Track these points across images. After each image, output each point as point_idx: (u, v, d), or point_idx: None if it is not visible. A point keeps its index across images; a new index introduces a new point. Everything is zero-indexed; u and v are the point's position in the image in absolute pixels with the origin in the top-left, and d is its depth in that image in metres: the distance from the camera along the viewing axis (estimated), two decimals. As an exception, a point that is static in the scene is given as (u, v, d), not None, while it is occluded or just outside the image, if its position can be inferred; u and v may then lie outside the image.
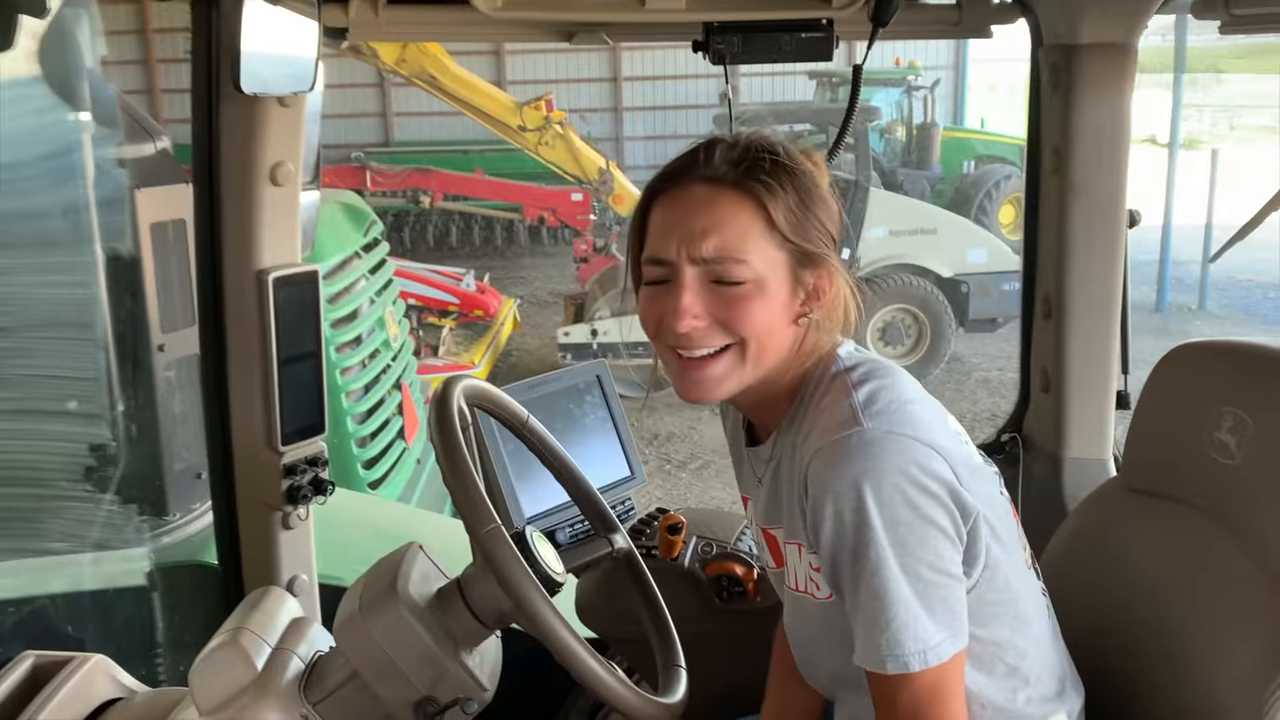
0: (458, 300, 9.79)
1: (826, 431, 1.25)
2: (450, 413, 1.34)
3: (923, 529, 1.22)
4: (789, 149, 1.34)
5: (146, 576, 2.61)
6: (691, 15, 1.86)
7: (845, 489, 1.21)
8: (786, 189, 1.30)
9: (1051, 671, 1.44)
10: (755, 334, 1.30)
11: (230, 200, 1.94)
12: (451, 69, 10.14)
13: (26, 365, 2.54)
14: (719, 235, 1.28)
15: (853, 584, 1.24)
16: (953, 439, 1.31)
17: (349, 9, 1.96)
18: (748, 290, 1.29)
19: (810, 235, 1.31)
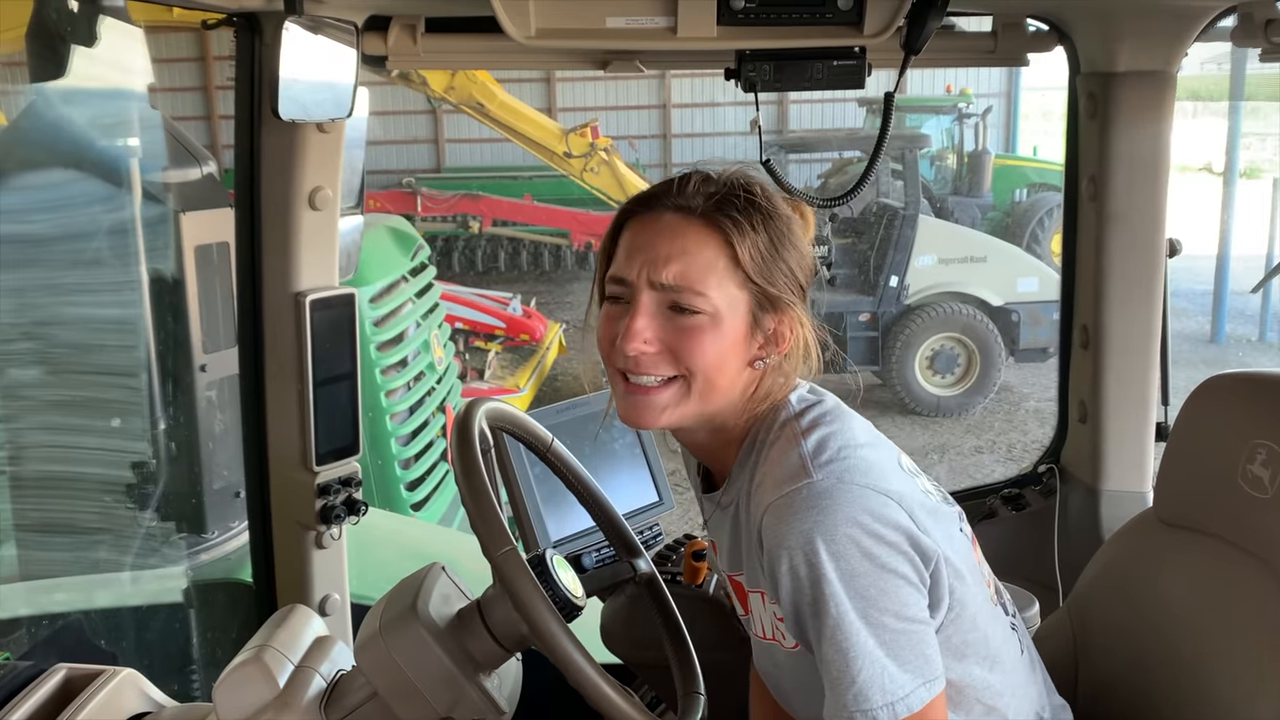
0: (504, 324, 9.88)
1: (777, 484, 1.23)
2: (471, 434, 1.35)
3: (883, 579, 1.19)
4: (768, 192, 1.33)
5: (183, 593, 2.65)
6: (724, 43, 1.86)
7: (798, 544, 1.18)
8: (757, 230, 1.29)
9: (1030, 705, 1.40)
10: (703, 368, 1.29)
11: (270, 224, 1.99)
12: (499, 96, 10.28)
13: (72, 383, 2.60)
14: (681, 264, 1.28)
15: (816, 639, 1.21)
16: (907, 482, 1.29)
17: (388, 38, 2.00)
18: (702, 322, 1.28)
19: (776, 279, 1.30)
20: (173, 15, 2.32)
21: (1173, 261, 2.16)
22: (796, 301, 1.32)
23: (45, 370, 2.60)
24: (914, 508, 1.25)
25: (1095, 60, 2.04)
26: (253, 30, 1.88)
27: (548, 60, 2.16)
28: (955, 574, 1.28)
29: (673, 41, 1.84)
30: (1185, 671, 1.47)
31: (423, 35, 2.01)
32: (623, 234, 1.35)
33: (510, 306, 10.05)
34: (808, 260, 1.35)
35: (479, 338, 9.79)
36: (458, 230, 14.81)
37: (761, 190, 1.33)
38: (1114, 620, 1.62)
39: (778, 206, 1.32)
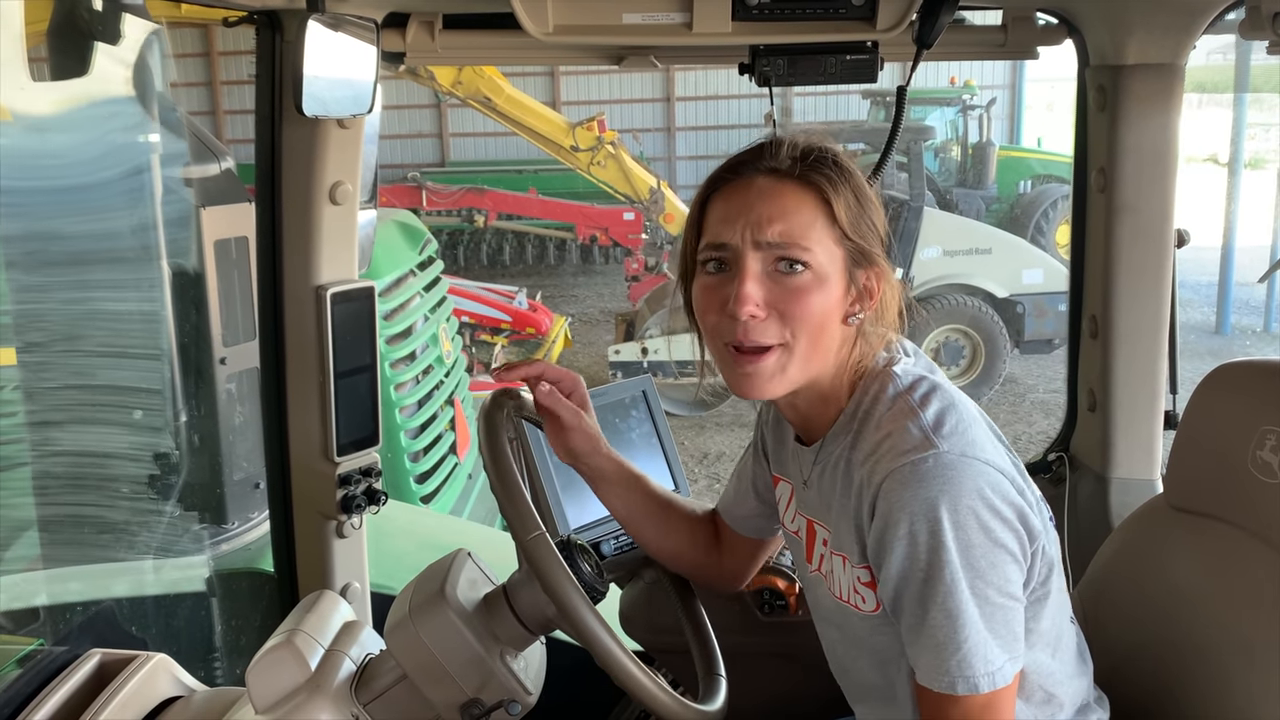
0: (510, 318, 9.91)
1: (900, 453, 1.26)
2: (498, 424, 1.38)
3: (994, 553, 1.24)
4: (840, 155, 1.37)
5: (206, 582, 2.69)
6: (738, 38, 1.89)
7: (921, 511, 1.22)
8: (846, 187, 1.33)
9: (1079, 692, 1.44)
10: (809, 329, 1.31)
11: (291, 218, 2.02)
12: (506, 90, 10.29)
13: (95, 377, 2.63)
14: (785, 222, 1.30)
15: (920, 605, 1.25)
16: (1012, 463, 1.33)
17: (406, 34, 2.03)
18: (809, 280, 1.30)
19: (866, 234, 1.34)
20: (186, 12, 2.33)
21: (1178, 253, 2.19)
22: (883, 256, 1.36)
23: (69, 365, 2.63)
24: (1023, 487, 1.30)
25: (1104, 53, 2.07)
26: (273, 28, 1.91)
27: (564, 56, 2.19)
28: (1047, 561, 1.33)
29: (688, 37, 1.87)
30: (1196, 655, 1.50)
31: (441, 31, 2.03)
32: (712, 202, 1.37)
33: (516, 300, 10.08)
34: (882, 216, 1.39)
35: (485, 331, 9.82)
36: (463, 224, 14.83)
37: (835, 154, 1.36)
38: (1124, 606, 1.65)
39: (853, 165, 1.37)
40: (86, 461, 2.61)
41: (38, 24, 2.07)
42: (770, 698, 1.94)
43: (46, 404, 2.62)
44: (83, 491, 2.59)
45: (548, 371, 1.52)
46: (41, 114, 2.21)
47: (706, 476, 8.12)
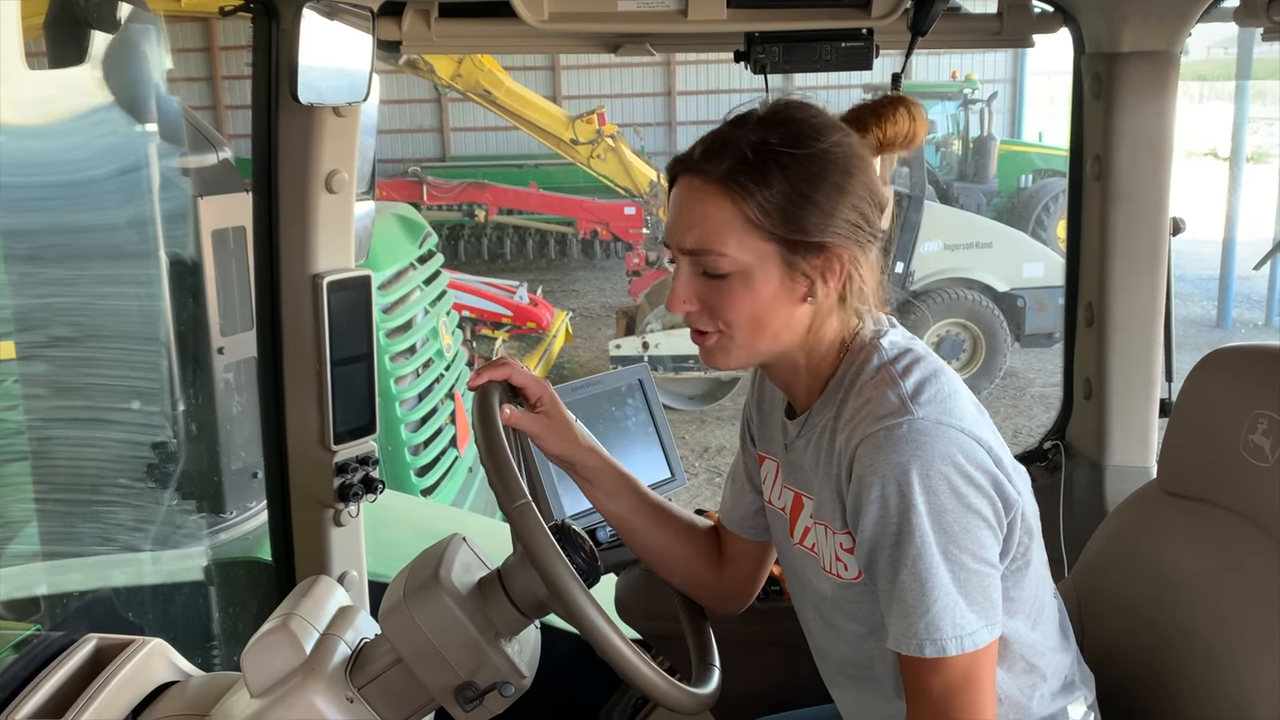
0: (511, 312, 9.91)
1: (876, 419, 1.27)
2: (491, 401, 1.39)
3: (966, 518, 1.25)
4: (797, 133, 1.31)
5: (204, 571, 2.70)
6: (733, 26, 1.90)
7: (893, 475, 1.24)
8: (773, 180, 1.29)
9: (1062, 666, 1.45)
10: (741, 322, 1.34)
11: (288, 207, 2.02)
12: (505, 83, 10.30)
13: (94, 367, 2.64)
14: (699, 228, 1.32)
15: (891, 568, 1.26)
16: (993, 434, 1.33)
17: (402, 22, 2.03)
18: (731, 282, 1.32)
19: (805, 223, 1.30)
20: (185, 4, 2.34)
21: (1178, 246, 2.19)
22: (840, 239, 1.32)
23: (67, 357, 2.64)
24: (1001, 457, 1.30)
25: (1099, 40, 2.07)
26: (270, 16, 1.91)
27: (560, 44, 2.19)
28: (1026, 529, 1.34)
29: (683, 24, 1.88)
30: (1189, 638, 1.50)
31: (436, 20, 2.04)
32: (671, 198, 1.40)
33: (517, 295, 10.09)
34: (862, 192, 1.33)
35: (486, 326, 9.83)
36: (464, 219, 14.83)
37: (787, 133, 1.31)
38: (1118, 590, 1.66)
39: (807, 146, 1.31)
40: (85, 452, 2.62)
41: (35, 16, 2.07)
42: (766, 683, 1.94)
43: (45, 396, 2.63)
44: (81, 482, 2.60)
45: (514, 375, 1.51)
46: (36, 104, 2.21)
47: (707, 470, 8.13)
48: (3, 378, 2.79)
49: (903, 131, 1.44)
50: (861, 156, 1.36)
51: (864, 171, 1.35)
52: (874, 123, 1.43)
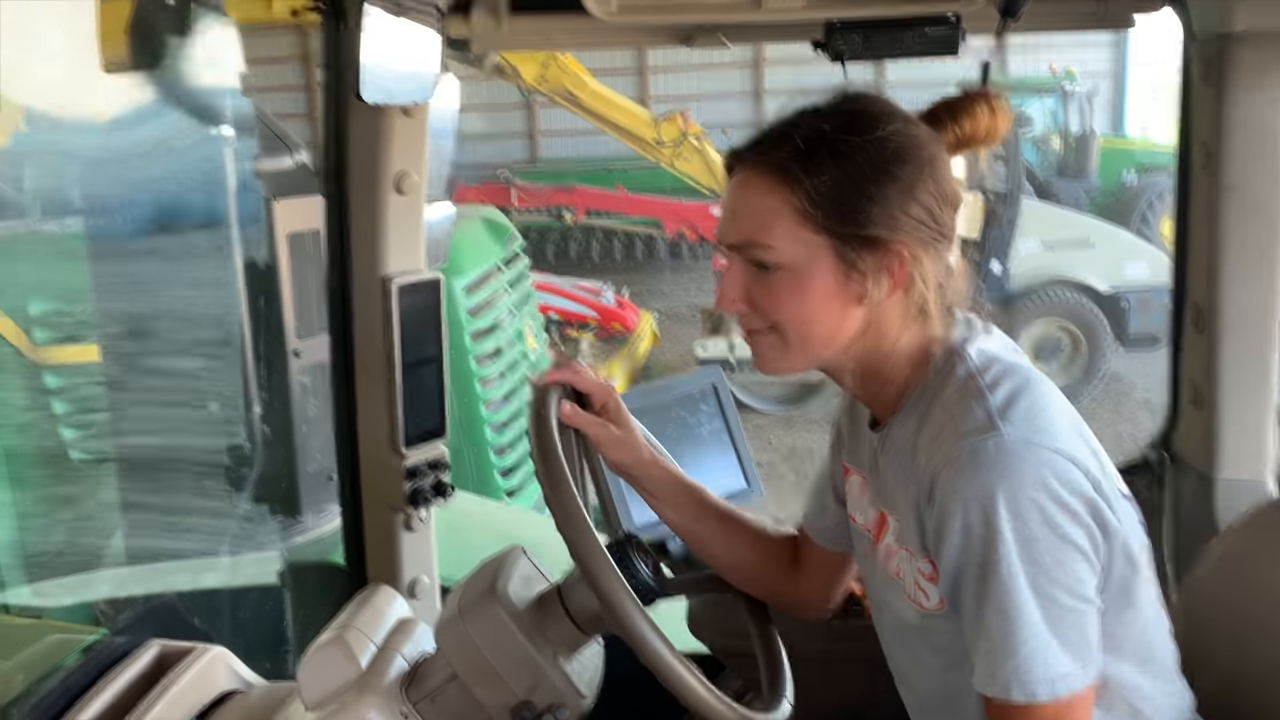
0: (597, 314, 9.93)
1: (959, 436, 1.18)
2: (548, 413, 1.33)
3: (1060, 549, 1.14)
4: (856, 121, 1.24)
5: (278, 575, 2.71)
6: (811, 14, 1.81)
7: (976, 499, 1.14)
8: (825, 169, 1.22)
9: (1172, 712, 1.32)
10: (788, 320, 1.26)
11: (357, 209, 2.00)
12: (590, 85, 10.31)
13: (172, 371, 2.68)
14: (745, 220, 1.26)
15: (977, 602, 1.16)
16: (1093, 455, 1.22)
17: (471, 20, 1.99)
18: (779, 278, 1.25)
19: (862, 216, 1.22)
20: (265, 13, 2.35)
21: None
22: (899, 234, 1.23)
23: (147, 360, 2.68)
24: (1100, 480, 1.19)
25: (1209, 20, 1.92)
26: (338, 16, 1.89)
27: (631, 37, 2.14)
28: (1130, 562, 1.22)
29: (758, 13, 1.80)
30: None
31: (506, 16, 2.00)
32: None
33: (603, 296, 10.09)
34: (928, 185, 1.25)
35: (572, 327, 9.85)
36: (552, 222, 14.92)
37: (842, 120, 1.25)
38: (1229, 617, 1.52)
39: (866, 132, 1.23)
40: (162, 454, 2.66)
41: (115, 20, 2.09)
42: (843, 705, 1.85)
43: (126, 398, 2.68)
44: (157, 485, 2.64)
45: (578, 379, 1.45)
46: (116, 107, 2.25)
47: (794, 473, 7.99)
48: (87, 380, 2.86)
49: (982, 128, 1.33)
50: (927, 148, 1.27)
51: (931, 164, 1.26)
52: (950, 118, 1.33)
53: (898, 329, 1.28)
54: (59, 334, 3.83)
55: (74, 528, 3.22)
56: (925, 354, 1.30)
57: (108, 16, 2.12)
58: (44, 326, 4.12)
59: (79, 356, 3.52)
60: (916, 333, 1.29)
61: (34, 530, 3.59)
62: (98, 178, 2.48)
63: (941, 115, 1.33)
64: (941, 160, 1.28)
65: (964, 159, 1.37)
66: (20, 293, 3.95)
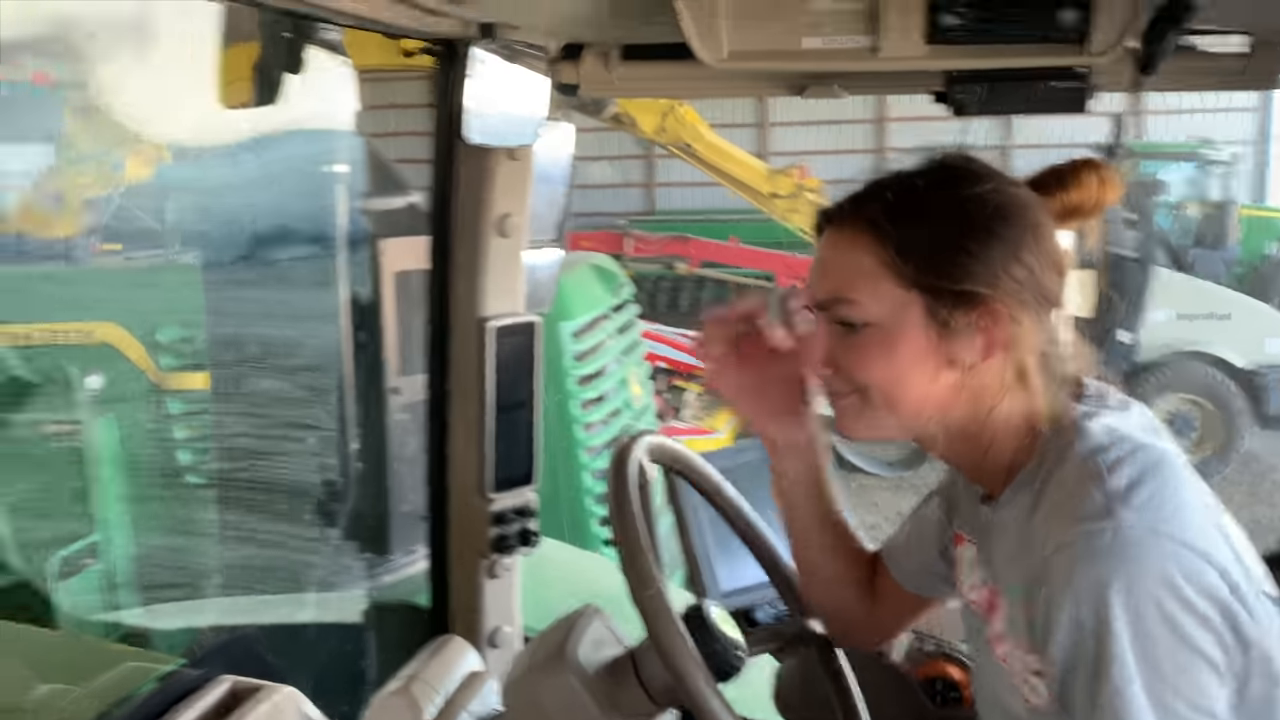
0: (705, 365, 9.84)
1: (1074, 520, 1.08)
2: (626, 468, 1.27)
3: (1183, 654, 1.02)
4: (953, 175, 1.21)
5: (361, 614, 2.70)
6: (931, 63, 1.73)
7: (1089, 592, 1.03)
8: (916, 222, 1.17)
9: None
10: (875, 382, 1.19)
11: (459, 249, 2.01)
12: (706, 137, 10.35)
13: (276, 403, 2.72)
14: (833, 276, 1.22)
15: (1088, 704, 1.05)
16: (1231, 551, 1.10)
17: (580, 66, 1.98)
18: (864, 334, 1.19)
19: (955, 271, 1.15)
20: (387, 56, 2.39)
21: None
22: (996, 292, 1.16)
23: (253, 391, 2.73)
24: (1239, 583, 1.06)
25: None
26: (450, 57, 1.90)
27: (742, 85, 2.08)
28: (1271, 678, 1.08)
29: (875, 62, 1.73)
30: None
31: (616, 63, 1.98)
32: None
33: (713, 348, 10.00)
34: (1029, 245, 1.18)
35: (680, 377, 9.79)
36: (665, 271, 14.96)
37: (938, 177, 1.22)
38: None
39: (962, 188, 1.19)
40: (263, 485, 2.69)
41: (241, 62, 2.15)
42: (937, 800, 1.72)
43: (235, 427, 2.73)
44: (257, 514, 2.67)
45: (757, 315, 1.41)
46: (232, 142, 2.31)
47: (894, 541, 7.73)
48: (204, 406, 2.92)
49: (1091, 198, 1.28)
50: (1030, 211, 1.21)
51: (1034, 227, 1.20)
52: (1058, 186, 1.27)
53: (994, 397, 1.20)
54: (183, 361, 3.97)
55: (181, 552, 3.29)
56: (1031, 427, 1.20)
57: (234, 58, 2.18)
58: (170, 353, 4.29)
59: (199, 384, 3.64)
60: (1018, 403, 1.20)
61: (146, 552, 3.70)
62: (220, 212, 2.55)
63: (1049, 182, 1.28)
64: (1045, 224, 1.22)
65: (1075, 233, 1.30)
66: (151, 320, 4.12)
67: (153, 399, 4.28)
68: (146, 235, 5.41)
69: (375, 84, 14.78)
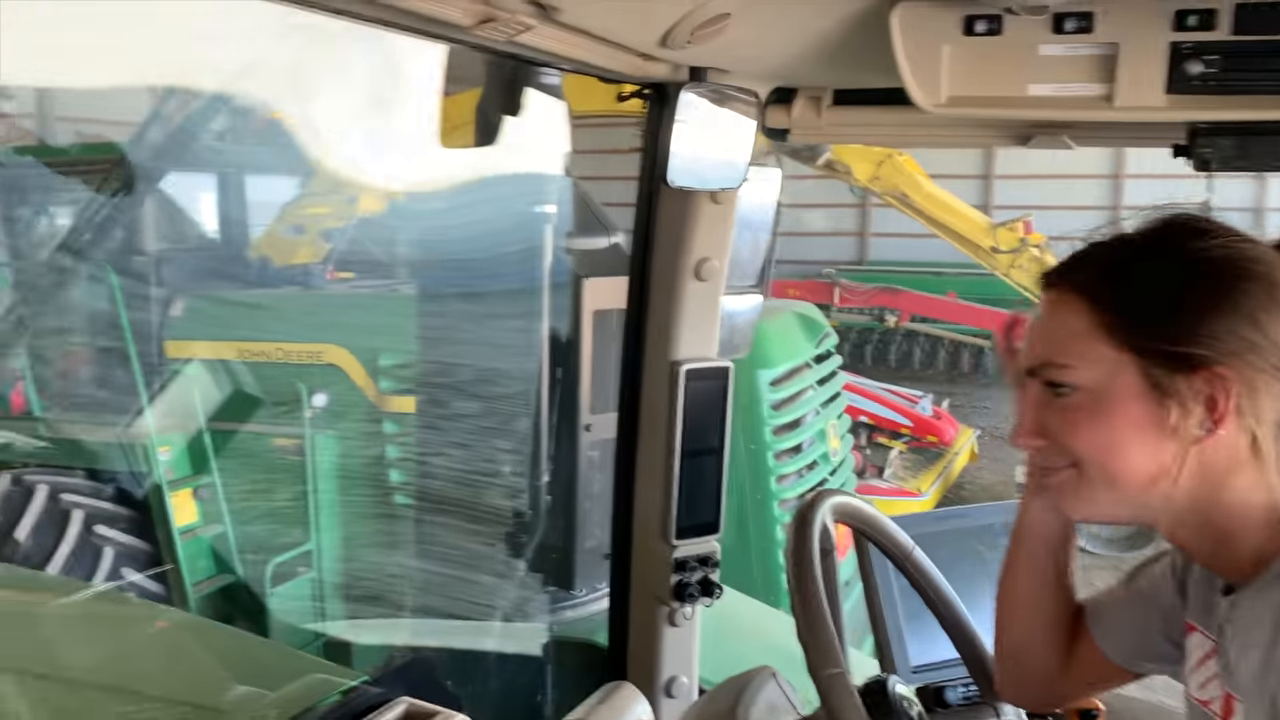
0: (911, 423, 9.52)
1: None
2: (809, 531, 1.21)
3: None
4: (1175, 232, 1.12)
5: (541, 648, 2.72)
6: (1172, 114, 1.59)
7: None
8: (1133, 280, 1.08)
9: None
10: (1088, 452, 1.09)
11: (656, 291, 2.01)
12: (925, 187, 10.06)
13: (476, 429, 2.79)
14: (1045, 339, 1.14)
15: None
16: None
17: (792, 109, 1.95)
18: (1076, 400, 1.09)
19: (1174, 330, 1.04)
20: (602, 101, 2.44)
21: None
22: (1222, 355, 1.05)
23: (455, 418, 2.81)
24: None
25: None
26: (660, 101, 1.91)
27: (961, 134, 1.99)
28: None
29: (1109, 112, 1.61)
30: None
31: (828, 107, 1.94)
32: None
33: (919, 405, 9.68)
34: (1266, 305, 1.07)
35: (883, 434, 9.50)
36: (873, 323, 14.66)
37: (1162, 234, 1.12)
38: None
39: (1187, 243, 1.08)
40: (458, 511, 2.77)
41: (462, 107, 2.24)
42: None
43: (437, 452, 2.82)
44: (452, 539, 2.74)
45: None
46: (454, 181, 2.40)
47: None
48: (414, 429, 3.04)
49: None
50: (1268, 267, 1.08)
51: (1271, 285, 1.06)
52: None
53: (1227, 474, 1.07)
54: (399, 385, 4.18)
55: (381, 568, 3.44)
56: (1276, 511, 1.06)
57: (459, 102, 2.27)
58: (389, 377, 4.53)
59: (413, 407, 3.81)
60: (1256, 481, 1.07)
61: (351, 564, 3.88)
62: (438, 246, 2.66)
63: None
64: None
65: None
66: (373, 345, 4.36)
67: (370, 419, 4.53)
68: (374, 265, 5.77)
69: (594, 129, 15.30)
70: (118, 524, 4.94)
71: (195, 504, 4.96)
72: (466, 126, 2.22)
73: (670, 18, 1.42)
